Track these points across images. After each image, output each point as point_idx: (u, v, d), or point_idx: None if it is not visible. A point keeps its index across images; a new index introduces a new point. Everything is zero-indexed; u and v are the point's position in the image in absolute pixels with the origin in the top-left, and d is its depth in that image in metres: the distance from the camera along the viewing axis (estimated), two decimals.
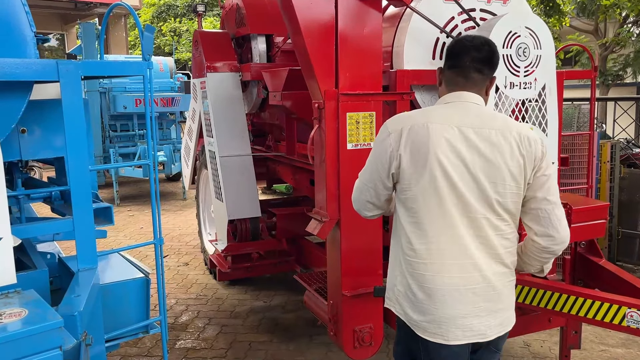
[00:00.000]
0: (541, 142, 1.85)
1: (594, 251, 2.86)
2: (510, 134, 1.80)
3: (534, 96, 2.85)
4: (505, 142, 1.79)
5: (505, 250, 1.82)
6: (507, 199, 1.79)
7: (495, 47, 1.91)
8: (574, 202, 2.71)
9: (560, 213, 1.83)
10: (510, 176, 1.78)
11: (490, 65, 1.89)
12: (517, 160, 1.79)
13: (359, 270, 2.82)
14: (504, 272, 1.84)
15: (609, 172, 5.18)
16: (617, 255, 5.38)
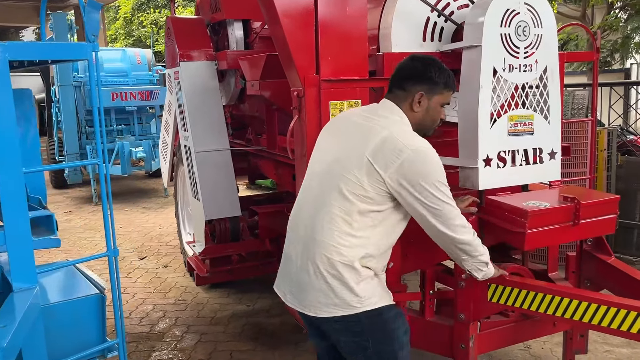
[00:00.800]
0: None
1: (603, 249, 2.63)
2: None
3: (534, 80, 2.59)
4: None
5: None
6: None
7: (413, 62, 2.06)
8: (581, 195, 2.46)
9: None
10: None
11: (401, 79, 2.06)
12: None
13: None
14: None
15: (606, 161, 4.96)
16: (614, 247, 5.18)
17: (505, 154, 2.54)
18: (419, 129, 2.03)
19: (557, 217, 2.29)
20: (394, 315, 1.97)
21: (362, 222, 1.88)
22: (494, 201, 2.39)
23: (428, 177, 1.84)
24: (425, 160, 1.86)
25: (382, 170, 1.84)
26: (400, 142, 1.85)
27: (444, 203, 1.88)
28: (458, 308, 2.45)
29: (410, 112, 2.01)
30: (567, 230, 2.33)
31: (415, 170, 1.84)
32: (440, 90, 2.01)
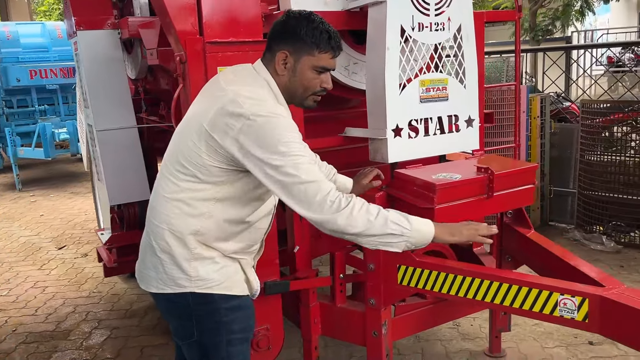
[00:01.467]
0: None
1: (522, 222, 2.46)
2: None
3: (448, 40, 2.36)
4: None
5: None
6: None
7: (283, 17, 1.74)
8: (498, 165, 2.27)
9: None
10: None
11: (269, 38, 1.76)
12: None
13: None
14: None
15: (540, 128, 4.86)
16: (549, 215, 5.14)
17: (418, 122, 2.31)
18: (291, 96, 1.75)
19: (469, 190, 2.09)
20: (232, 307, 1.70)
21: (199, 193, 1.63)
22: (401, 175, 2.17)
23: (271, 146, 1.55)
24: (269, 127, 1.55)
25: (220, 139, 1.58)
26: (244, 107, 1.57)
27: (289, 175, 1.55)
28: (368, 293, 2.24)
29: (277, 76, 1.71)
30: (481, 203, 2.13)
31: (257, 138, 1.55)
32: (309, 49, 1.68)
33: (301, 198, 1.57)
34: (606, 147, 4.62)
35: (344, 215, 1.58)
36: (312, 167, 1.60)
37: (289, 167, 1.55)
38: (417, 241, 1.70)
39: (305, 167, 1.58)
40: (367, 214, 1.61)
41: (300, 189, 1.56)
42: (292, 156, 1.56)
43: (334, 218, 1.57)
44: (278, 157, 1.55)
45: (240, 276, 1.74)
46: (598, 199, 4.58)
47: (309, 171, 1.58)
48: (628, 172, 4.47)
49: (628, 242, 4.43)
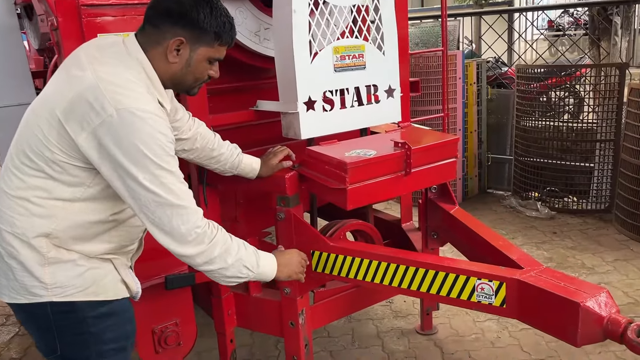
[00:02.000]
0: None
1: (446, 197, 2.33)
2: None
3: (363, 2, 2.15)
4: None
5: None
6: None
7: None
8: (417, 138, 2.11)
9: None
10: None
11: (156, 13, 1.46)
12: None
13: (151, 251, 2.07)
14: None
15: (476, 95, 4.77)
16: (487, 183, 5.11)
17: (332, 94, 2.11)
18: (176, 85, 1.53)
19: (384, 167, 1.92)
20: (101, 315, 1.47)
21: (49, 192, 1.38)
22: (312, 152, 1.98)
23: (135, 154, 1.31)
24: (135, 128, 1.30)
25: (74, 133, 1.33)
26: (107, 97, 1.31)
27: (150, 192, 1.34)
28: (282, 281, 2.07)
29: (164, 61, 1.45)
30: (399, 181, 1.96)
31: (119, 140, 1.30)
32: (209, 41, 1.46)
33: (163, 223, 1.38)
34: (541, 113, 4.58)
35: (205, 254, 1.45)
36: (183, 187, 1.40)
37: (155, 185, 1.34)
38: (254, 280, 1.66)
39: (176, 187, 1.37)
40: (226, 254, 1.51)
41: (166, 213, 1.37)
42: (162, 170, 1.34)
43: (193, 253, 1.44)
44: (143, 168, 1.32)
45: (113, 277, 1.51)
46: (533, 165, 4.56)
47: (180, 193, 1.38)
48: (562, 138, 4.45)
49: (562, 208, 4.45)
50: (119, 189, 1.36)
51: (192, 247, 1.42)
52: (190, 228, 1.40)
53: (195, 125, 1.89)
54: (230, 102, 2.46)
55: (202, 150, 1.92)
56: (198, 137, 1.89)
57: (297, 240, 2.00)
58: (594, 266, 3.45)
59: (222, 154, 1.95)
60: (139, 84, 1.38)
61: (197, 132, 1.89)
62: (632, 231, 3.83)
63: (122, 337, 1.53)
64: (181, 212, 1.38)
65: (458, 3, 13.28)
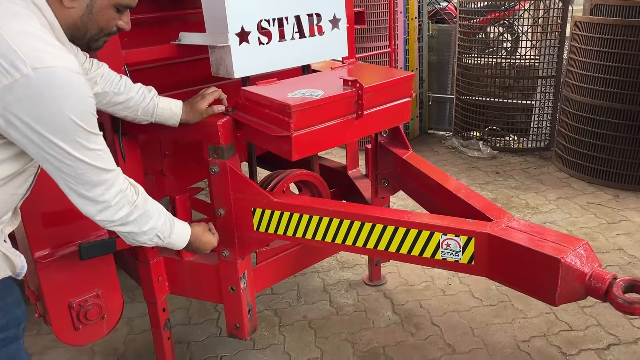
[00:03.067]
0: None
1: (399, 142, 2.11)
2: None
3: None
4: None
5: None
6: None
7: None
8: (370, 76, 1.86)
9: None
10: None
11: None
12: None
13: (62, 213, 1.75)
14: None
15: (417, 31, 4.53)
16: (428, 123, 4.98)
17: (270, 24, 1.80)
18: (76, 36, 1.24)
19: (334, 110, 1.66)
20: None
21: None
22: (248, 93, 1.68)
23: (55, 117, 1.09)
24: (55, 88, 1.07)
25: None
26: (17, 53, 1.03)
27: (78, 160, 1.16)
28: (220, 243, 1.81)
29: (59, 6, 1.17)
30: (350, 125, 1.72)
31: (39, 106, 1.06)
32: None
33: (87, 190, 1.22)
34: (482, 49, 4.43)
35: (122, 217, 1.33)
36: (107, 149, 1.24)
37: (83, 153, 1.16)
38: (164, 244, 1.53)
39: (102, 151, 1.21)
40: (143, 221, 1.39)
41: (92, 180, 1.21)
42: (91, 136, 1.16)
43: (114, 218, 1.31)
44: (72, 139, 1.12)
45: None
46: (475, 103, 4.45)
47: (106, 157, 1.23)
48: (503, 75, 4.34)
49: (503, 147, 4.40)
50: (34, 155, 1.14)
51: (112, 211, 1.29)
52: (114, 193, 1.27)
53: (95, 66, 1.55)
54: (147, 35, 2.08)
55: (105, 96, 1.59)
56: (98, 80, 1.56)
57: (234, 197, 1.73)
58: (538, 205, 3.43)
59: (130, 99, 1.62)
60: (48, 36, 1.10)
61: (97, 74, 1.55)
62: (572, 168, 3.83)
63: (11, 324, 1.24)
64: (106, 177, 1.23)
65: None
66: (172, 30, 2.02)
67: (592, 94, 3.61)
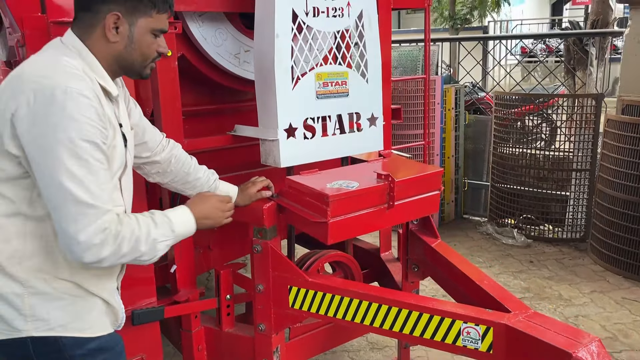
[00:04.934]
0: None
1: (429, 229, 2.26)
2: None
3: (348, 28, 2.09)
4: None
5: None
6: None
7: None
8: (401, 170, 2.05)
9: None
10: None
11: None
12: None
13: None
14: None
15: (454, 120, 4.76)
16: (464, 208, 5.09)
17: (314, 121, 2.04)
18: (126, 68, 1.42)
19: (367, 200, 1.84)
20: (90, 352, 1.35)
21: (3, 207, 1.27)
22: (292, 182, 1.89)
23: (51, 138, 1.18)
24: (56, 109, 1.18)
25: (1, 126, 1.23)
26: (27, 81, 1.21)
27: (61, 188, 1.19)
28: (257, 317, 1.96)
29: (104, 43, 1.35)
30: (382, 214, 1.89)
31: (37, 121, 1.19)
32: (146, 10, 1.37)
33: (67, 222, 1.21)
34: (517, 140, 4.59)
35: (113, 255, 1.27)
36: (101, 182, 1.24)
37: (66, 176, 1.19)
38: (176, 241, 1.49)
39: (90, 181, 1.21)
40: (137, 245, 1.32)
41: (70, 211, 1.20)
42: (78, 160, 1.19)
43: (100, 258, 1.25)
44: (57, 155, 1.18)
45: (100, 310, 1.39)
46: (510, 191, 4.56)
47: (94, 189, 1.22)
48: (538, 166, 4.46)
49: (538, 236, 4.45)
50: (38, 176, 1.22)
51: (96, 250, 1.23)
52: (96, 230, 1.22)
53: (170, 146, 1.78)
54: (207, 125, 2.37)
55: (177, 174, 1.80)
56: (172, 160, 1.77)
57: (273, 275, 1.90)
58: (571, 298, 3.43)
59: (198, 179, 1.83)
60: (71, 63, 1.27)
61: (172, 155, 1.77)
62: (607, 262, 3.84)
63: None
64: (89, 211, 1.21)
65: (434, 26, 13.50)
66: (228, 120, 2.29)
67: (626, 190, 3.68)
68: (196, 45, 2.14)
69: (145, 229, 1.35)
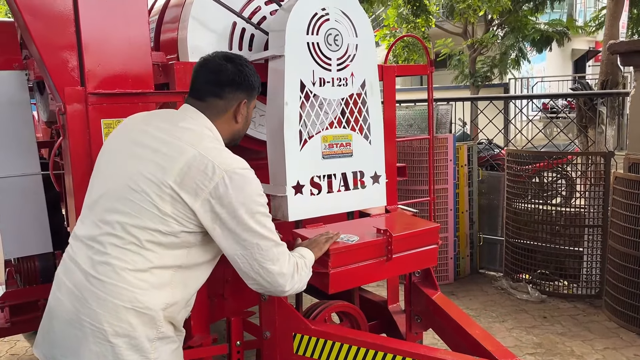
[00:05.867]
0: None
1: (429, 282, 2.38)
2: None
3: (352, 95, 2.31)
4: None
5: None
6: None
7: (232, 64, 1.69)
8: (401, 225, 2.20)
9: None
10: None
11: (220, 87, 1.67)
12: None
13: None
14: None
15: (467, 176, 4.90)
16: (479, 263, 5.14)
17: (320, 179, 2.22)
18: (234, 139, 1.74)
19: (366, 253, 1.99)
20: None
21: (164, 261, 1.49)
22: (298, 235, 2.06)
23: (245, 206, 1.50)
24: (243, 185, 1.50)
25: (191, 201, 1.46)
26: (212, 162, 1.48)
27: (262, 238, 1.53)
28: None
29: (230, 124, 1.69)
30: (381, 266, 2.03)
31: (231, 197, 1.48)
32: (254, 94, 1.75)
33: (270, 267, 1.54)
34: (531, 196, 4.68)
35: (295, 281, 1.62)
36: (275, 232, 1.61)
37: (265, 230, 1.54)
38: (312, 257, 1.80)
39: (273, 230, 1.59)
40: (305, 271, 1.68)
41: (273, 254, 1.55)
42: (267, 218, 1.55)
43: (294, 286, 1.62)
44: (256, 219, 1.51)
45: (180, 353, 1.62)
46: (524, 247, 4.61)
47: (274, 233, 1.58)
48: (552, 222, 4.53)
49: (553, 292, 4.46)
50: (227, 247, 1.51)
51: (292, 283, 1.60)
52: (282, 267, 1.56)
53: None
54: None
55: None
56: None
57: (279, 322, 2.03)
58: (584, 354, 3.43)
59: None
60: (222, 143, 1.63)
61: None
62: (621, 319, 3.82)
63: None
64: (275, 251, 1.55)
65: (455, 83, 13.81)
66: None
67: (637, 246, 3.71)
68: None
69: (300, 261, 1.68)
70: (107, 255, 1.46)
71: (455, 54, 13.32)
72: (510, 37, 12.74)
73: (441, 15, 13.30)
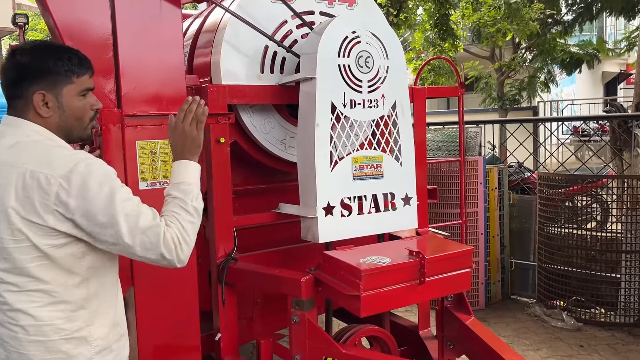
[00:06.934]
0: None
1: (462, 307, 2.32)
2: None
3: (382, 117, 2.31)
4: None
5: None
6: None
7: (12, 60, 1.47)
8: (433, 248, 2.16)
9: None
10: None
11: (10, 87, 1.48)
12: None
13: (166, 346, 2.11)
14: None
15: (498, 200, 4.81)
16: (511, 289, 5.01)
17: (350, 200, 2.21)
18: (68, 134, 1.52)
19: (398, 276, 1.96)
20: None
21: (62, 284, 1.43)
22: (328, 257, 2.04)
23: (95, 201, 1.38)
24: (83, 181, 1.38)
25: (42, 218, 1.37)
26: (43, 173, 1.36)
27: (126, 224, 1.40)
28: None
29: (40, 119, 1.46)
30: (413, 290, 1.99)
31: (77, 199, 1.37)
32: (66, 80, 1.47)
33: (148, 245, 1.42)
34: (564, 220, 4.57)
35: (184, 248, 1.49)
36: (145, 207, 1.47)
37: (130, 216, 1.41)
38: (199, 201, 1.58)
39: (142, 209, 1.44)
40: (188, 224, 1.51)
41: (147, 236, 1.43)
42: (128, 202, 1.43)
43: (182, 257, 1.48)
44: (112, 206, 1.39)
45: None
46: (558, 273, 4.48)
47: (148, 212, 1.45)
48: (587, 247, 4.40)
49: (589, 319, 4.30)
50: (103, 241, 1.41)
51: (175, 253, 1.46)
52: (165, 235, 1.44)
53: None
54: (255, 202, 2.58)
55: None
56: None
57: (310, 345, 2.00)
58: None
59: None
60: (58, 143, 1.47)
61: None
62: None
63: None
64: (157, 229, 1.43)
65: (484, 106, 13.70)
66: (274, 198, 2.50)
67: None
68: (247, 132, 2.40)
69: (177, 224, 1.49)
70: (8, 303, 1.41)
71: (483, 77, 13.25)
72: (539, 60, 12.63)
73: (468, 39, 13.28)
